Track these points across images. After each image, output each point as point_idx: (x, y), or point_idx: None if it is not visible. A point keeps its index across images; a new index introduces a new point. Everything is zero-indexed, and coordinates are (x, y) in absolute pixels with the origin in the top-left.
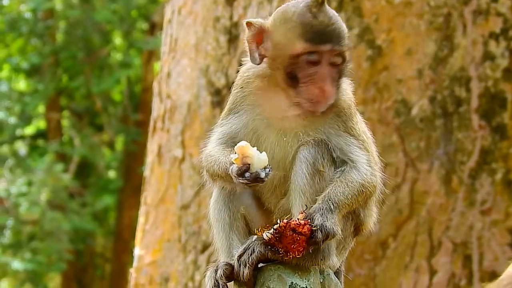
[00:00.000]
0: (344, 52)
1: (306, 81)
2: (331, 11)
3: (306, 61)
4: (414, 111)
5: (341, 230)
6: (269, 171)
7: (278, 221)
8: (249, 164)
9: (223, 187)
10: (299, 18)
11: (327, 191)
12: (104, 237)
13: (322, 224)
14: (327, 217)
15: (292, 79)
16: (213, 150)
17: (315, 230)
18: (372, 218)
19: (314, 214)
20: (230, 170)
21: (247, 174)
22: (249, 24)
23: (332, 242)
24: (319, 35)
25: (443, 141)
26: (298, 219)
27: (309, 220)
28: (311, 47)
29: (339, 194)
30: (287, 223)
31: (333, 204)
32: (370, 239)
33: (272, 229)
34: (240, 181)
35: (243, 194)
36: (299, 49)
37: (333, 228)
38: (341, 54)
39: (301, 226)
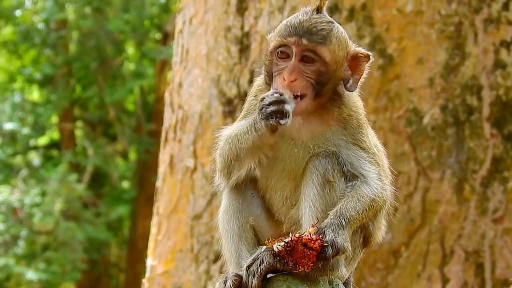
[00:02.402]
0: (317, 49)
1: (276, 75)
2: (323, 17)
3: (278, 56)
4: (426, 119)
5: (350, 242)
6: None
7: (290, 235)
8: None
9: (232, 196)
10: (285, 20)
11: (339, 206)
12: (118, 247)
13: (333, 240)
14: (338, 233)
15: (270, 78)
16: (229, 132)
17: (326, 246)
18: (380, 230)
19: (325, 229)
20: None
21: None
22: None
23: None
24: (289, 29)
25: (455, 150)
26: (309, 232)
27: (320, 236)
28: (280, 40)
29: (350, 210)
30: (299, 237)
31: (344, 220)
32: (382, 248)
33: (283, 242)
34: (268, 108)
35: (252, 204)
36: (273, 44)
37: (343, 245)
38: (314, 50)
39: (312, 242)
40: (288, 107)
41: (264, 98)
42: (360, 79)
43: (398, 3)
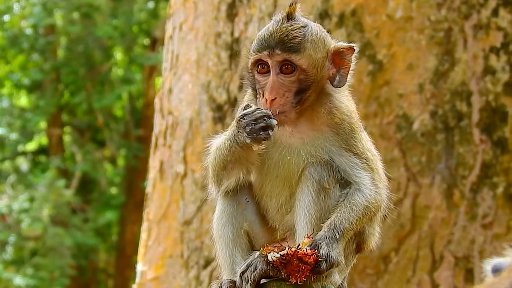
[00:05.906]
0: (291, 58)
1: (260, 93)
2: (295, 23)
3: (258, 71)
4: (415, 125)
5: (344, 250)
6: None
7: (286, 248)
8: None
9: (226, 201)
10: (259, 33)
11: (332, 218)
12: (107, 253)
13: (327, 254)
14: (332, 246)
15: (255, 92)
16: (217, 142)
17: (321, 260)
18: (374, 237)
19: (320, 242)
20: (236, 119)
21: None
22: None
23: None
24: (261, 42)
25: (445, 156)
26: (304, 243)
27: (316, 251)
28: (255, 55)
29: (344, 222)
30: (295, 252)
31: (338, 232)
32: (372, 254)
33: (279, 254)
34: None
35: (246, 210)
36: (250, 60)
37: (337, 259)
38: (289, 60)
39: (307, 256)
40: (274, 122)
41: (246, 115)
42: (348, 72)
43: (388, 9)
